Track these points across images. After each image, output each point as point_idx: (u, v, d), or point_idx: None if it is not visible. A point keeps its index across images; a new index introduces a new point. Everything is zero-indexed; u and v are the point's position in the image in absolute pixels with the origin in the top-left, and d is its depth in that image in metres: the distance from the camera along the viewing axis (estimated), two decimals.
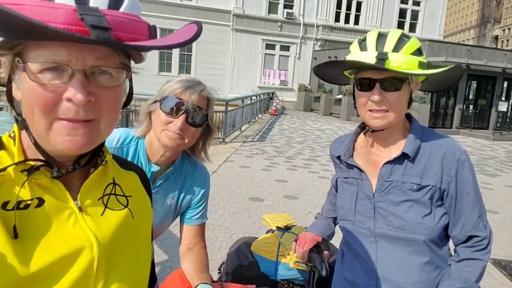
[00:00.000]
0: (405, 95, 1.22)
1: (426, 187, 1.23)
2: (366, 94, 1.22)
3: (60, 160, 0.63)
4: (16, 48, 0.56)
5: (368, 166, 1.34)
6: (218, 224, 4.37)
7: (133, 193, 0.76)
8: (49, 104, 0.56)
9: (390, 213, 1.26)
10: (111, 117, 0.62)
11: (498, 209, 5.89)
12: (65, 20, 0.51)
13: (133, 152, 1.33)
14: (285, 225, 2.06)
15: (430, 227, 1.23)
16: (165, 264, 3.39)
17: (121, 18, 0.55)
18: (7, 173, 0.59)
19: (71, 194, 0.64)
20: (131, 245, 0.71)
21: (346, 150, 1.39)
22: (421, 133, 1.29)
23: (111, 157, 0.74)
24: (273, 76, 23.88)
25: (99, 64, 0.57)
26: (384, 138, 1.31)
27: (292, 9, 23.37)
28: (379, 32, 1.23)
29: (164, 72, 21.75)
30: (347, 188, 1.39)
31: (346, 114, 19.71)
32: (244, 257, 1.91)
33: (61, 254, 0.59)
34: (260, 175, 6.90)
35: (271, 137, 11.82)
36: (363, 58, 1.18)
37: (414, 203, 1.23)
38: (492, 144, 14.47)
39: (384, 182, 1.27)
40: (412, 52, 1.18)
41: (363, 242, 1.32)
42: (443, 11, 26.17)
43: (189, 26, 0.63)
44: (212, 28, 21.65)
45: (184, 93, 1.25)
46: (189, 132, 1.27)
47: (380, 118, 1.21)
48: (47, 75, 0.55)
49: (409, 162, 1.25)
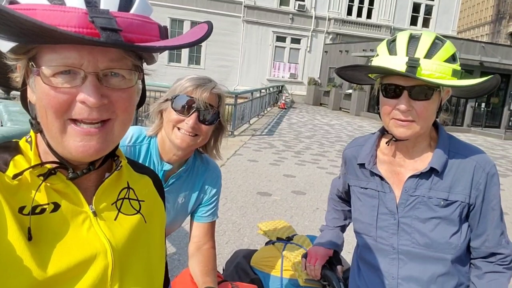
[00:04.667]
0: (434, 105, 1.13)
1: (455, 203, 1.16)
2: (392, 102, 1.12)
3: (74, 163, 0.63)
4: (30, 52, 0.56)
5: (391, 177, 1.25)
6: (225, 218, 4.38)
7: (146, 197, 0.76)
8: (62, 107, 0.56)
9: (415, 230, 1.19)
10: (125, 117, 0.62)
11: (508, 210, 5.81)
12: (76, 23, 0.51)
13: (146, 151, 1.33)
14: (286, 236, 1.90)
15: (457, 246, 1.17)
16: (173, 257, 3.40)
17: (131, 19, 0.55)
18: (24, 177, 0.59)
19: (86, 199, 0.64)
20: (144, 250, 0.71)
21: (370, 157, 1.28)
22: (449, 144, 1.21)
23: (126, 162, 0.74)
24: (283, 69, 23.75)
25: (111, 66, 0.57)
26: (409, 147, 1.22)
27: (304, 1, 23.12)
28: (411, 34, 1.12)
29: (174, 62, 21.77)
30: (366, 201, 1.29)
31: (356, 109, 19.55)
32: (244, 274, 1.72)
33: (76, 260, 0.59)
34: (268, 169, 6.88)
35: (279, 131, 11.79)
36: (392, 64, 1.08)
37: (442, 221, 1.17)
38: (503, 143, 14.26)
39: (409, 197, 1.19)
40: (446, 59, 1.09)
41: (384, 259, 1.25)
42: (458, 6, 25.68)
43: (200, 26, 0.63)
44: (222, 19, 21.55)
45: (195, 91, 1.24)
46: (201, 130, 1.26)
47: (406, 127, 1.12)
48: (60, 78, 0.55)
49: (436, 176, 1.17)
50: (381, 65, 1.11)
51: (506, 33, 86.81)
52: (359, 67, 1.17)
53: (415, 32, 1.14)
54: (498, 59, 16.41)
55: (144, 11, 0.58)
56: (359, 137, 1.42)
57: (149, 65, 0.67)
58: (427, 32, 1.12)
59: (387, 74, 1.13)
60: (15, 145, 0.64)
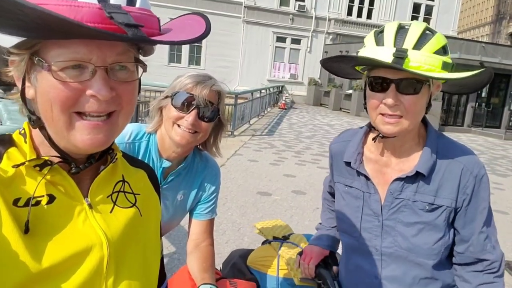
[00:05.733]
0: (423, 99, 1.07)
1: (440, 207, 1.11)
2: (379, 96, 1.06)
3: (74, 157, 0.63)
4: (34, 47, 0.56)
5: (376, 177, 1.19)
6: (225, 218, 4.37)
7: (141, 191, 0.76)
8: (70, 100, 0.56)
9: (398, 233, 1.15)
10: (129, 109, 0.63)
11: (508, 210, 5.81)
12: (91, 19, 0.51)
13: (145, 147, 1.33)
14: (283, 235, 1.89)
15: (440, 252, 1.12)
16: (173, 257, 3.40)
17: (140, 14, 0.56)
18: (18, 170, 0.59)
19: (82, 191, 0.65)
20: (139, 243, 0.72)
21: (356, 155, 1.22)
22: (437, 144, 1.14)
23: (121, 155, 0.75)
24: (283, 69, 23.74)
25: (118, 60, 0.58)
26: (396, 146, 1.16)
27: (304, 1, 23.12)
28: (399, 24, 1.06)
29: (174, 63, 21.76)
30: (350, 202, 1.25)
31: (356, 110, 19.53)
32: (240, 273, 1.71)
33: (72, 251, 0.59)
34: (268, 169, 6.88)
35: (279, 131, 11.78)
36: (378, 55, 1.02)
37: (426, 226, 1.11)
38: (504, 143, 14.25)
39: (394, 199, 1.15)
40: (436, 51, 1.02)
41: (367, 259, 1.22)
42: (458, 7, 25.67)
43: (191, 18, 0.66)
44: (222, 19, 21.55)
45: (195, 88, 1.24)
46: (201, 127, 1.26)
47: (393, 124, 1.06)
48: (68, 72, 0.56)
49: (422, 180, 1.12)
50: (367, 56, 1.05)
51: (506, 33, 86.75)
52: (344, 58, 1.11)
53: (404, 22, 1.08)
54: (499, 59, 16.41)
55: (146, 4, 0.60)
56: (346, 131, 1.36)
57: (146, 56, 0.67)
58: (416, 22, 1.07)
59: (373, 66, 1.07)
60: (9, 138, 0.64)
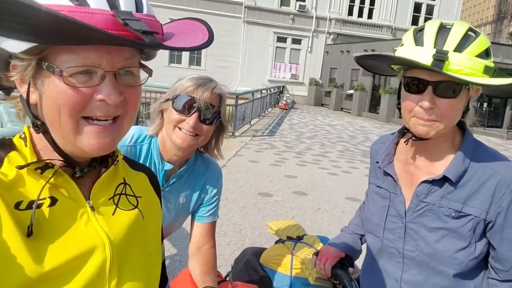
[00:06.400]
0: (461, 103, 1.02)
1: (467, 216, 1.05)
2: (415, 98, 1.02)
3: (77, 161, 0.64)
4: (42, 53, 0.56)
5: (404, 178, 1.17)
6: (227, 219, 4.36)
7: (142, 193, 0.77)
8: (79, 105, 0.57)
9: (421, 238, 1.11)
10: (133, 113, 0.64)
11: None
12: (105, 26, 0.52)
13: (146, 150, 1.33)
14: (296, 235, 1.91)
15: (462, 262, 1.06)
16: (174, 258, 3.40)
17: (148, 20, 0.57)
18: (19, 173, 0.59)
19: (84, 194, 0.65)
20: (142, 245, 0.72)
21: (385, 155, 1.22)
22: (473, 151, 1.09)
23: (122, 158, 0.75)
24: (283, 69, 23.76)
25: (126, 65, 0.60)
26: (427, 148, 1.12)
27: (305, 1, 23.14)
28: (441, 24, 1.01)
29: (174, 64, 21.80)
30: (378, 201, 1.24)
31: (357, 110, 19.54)
32: (253, 271, 1.72)
33: (74, 253, 0.60)
34: (269, 170, 6.87)
35: (280, 131, 11.78)
36: (417, 56, 0.98)
37: (450, 233, 1.07)
38: (505, 143, 14.23)
39: (420, 202, 1.11)
40: (478, 54, 0.97)
41: (389, 261, 1.20)
42: (459, 6, 25.66)
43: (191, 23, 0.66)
44: (223, 20, 21.58)
45: (196, 91, 1.23)
46: (202, 130, 1.25)
47: (427, 126, 1.02)
48: (78, 77, 0.56)
49: (451, 185, 1.07)
50: (405, 56, 1.01)
51: (507, 32, 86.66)
52: (381, 57, 1.09)
53: (446, 21, 1.03)
54: (500, 58, 16.36)
55: (151, 10, 0.61)
56: (385, 135, 1.35)
57: (147, 61, 0.68)
58: (459, 22, 1.02)
59: (410, 66, 1.03)
60: (9, 142, 0.64)
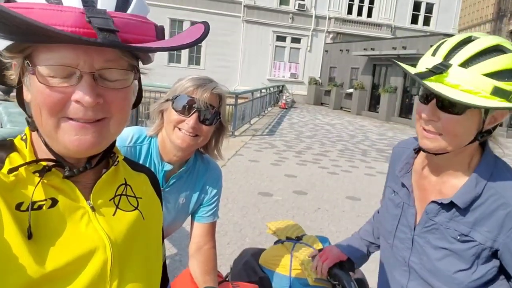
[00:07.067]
0: (467, 122, 0.96)
1: (473, 241, 1.02)
2: (422, 108, 1.01)
3: (71, 161, 0.63)
4: (26, 51, 0.57)
5: (418, 190, 1.16)
6: (227, 219, 4.36)
7: (143, 194, 0.76)
8: (57, 105, 0.56)
9: (425, 253, 1.11)
10: (120, 117, 0.62)
11: None
12: (73, 23, 0.51)
13: (146, 151, 1.33)
14: (296, 235, 1.89)
15: (462, 283, 1.05)
16: (174, 258, 3.40)
17: (128, 20, 0.55)
18: (19, 174, 0.60)
19: (84, 195, 0.65)
20: (143, 246, 0.72)
21: (404, 163, 1.21)
22: (490, 174, 1.04)
23: (123, 158, 0.75)
24: (283, 68, 23.74)
25: (106, 66, 0.58)
26: (439, 164, 1.09)
27: (304, 0, 23.11)
28: (467, 37, 0.96)
29: (174, 63, 21.78)
30: (391, 209, 1.24)
31: (357, 109, 19.54)
32: (252, 272, 1.71)
33: (75, 255, 0.60)
34: (269, 169, 6.87)
35: (280, 131, 11.78)
36: (422, 65, 0.97)
37: (453, 254, 1.05)
38: (506, 141, 14.21)
39: (429, 220, 1.10)
40: (491, 73, 0.90)
41: (397, 268, 1.22)
42: (459, 4, 25.64)
43: (196, 26, 0.64)
44: (222, 19, 21.56)
45: (196, 91, 1.23)
46: (202, 131, 1.25)
47: (430, 139, 1.01)
48: (55, 77, 0.55)
49: (458, 210, 1.04)
50: (419, 65, 1.00)
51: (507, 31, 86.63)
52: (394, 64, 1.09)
53: (478, 35, 0.97)
54: None
55: (140, 11, 0.59)
56: (410, 139, 1.31)
57: (145, 64, 0.67)
58: (488, 37, 0.95)
59: None
60: (10, 143, 0.65)
